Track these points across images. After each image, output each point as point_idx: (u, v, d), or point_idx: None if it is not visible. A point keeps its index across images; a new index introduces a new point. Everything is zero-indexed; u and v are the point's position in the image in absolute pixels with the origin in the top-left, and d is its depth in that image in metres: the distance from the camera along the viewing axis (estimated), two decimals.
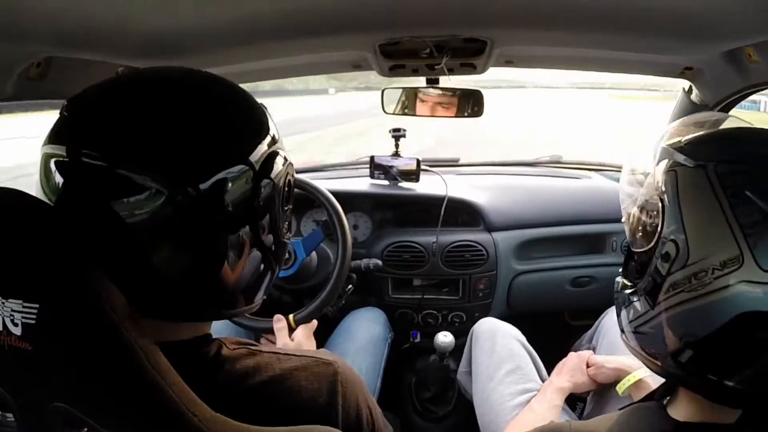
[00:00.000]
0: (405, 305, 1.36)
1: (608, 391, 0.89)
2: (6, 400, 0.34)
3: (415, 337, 1.41)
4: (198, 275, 0.41)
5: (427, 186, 1.39)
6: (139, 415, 0.33)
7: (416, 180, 1.39)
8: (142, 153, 0.37)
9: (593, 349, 1.03)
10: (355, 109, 13.58)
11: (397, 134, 1.43)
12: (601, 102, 21.11)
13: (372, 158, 1.44)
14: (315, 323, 0.96)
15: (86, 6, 0.59)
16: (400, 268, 1.33)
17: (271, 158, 0.44)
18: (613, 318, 0.69)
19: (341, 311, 1.21)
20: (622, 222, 0.53)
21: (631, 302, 0.48)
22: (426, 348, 1.32)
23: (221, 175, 0.39)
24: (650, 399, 0.55)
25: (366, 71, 1.12)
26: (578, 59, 1.14)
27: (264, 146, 0.43)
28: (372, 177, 1.43)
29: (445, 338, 1.22)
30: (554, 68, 1.25)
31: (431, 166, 1.47)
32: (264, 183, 0.42)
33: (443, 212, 1.31)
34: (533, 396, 0.91)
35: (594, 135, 10.21)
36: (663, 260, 0.42)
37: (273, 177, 0.43)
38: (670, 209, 0.43)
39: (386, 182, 1.42)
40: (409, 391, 1.33)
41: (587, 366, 0.91)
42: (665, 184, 0.44)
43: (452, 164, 1.71)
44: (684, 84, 1.14)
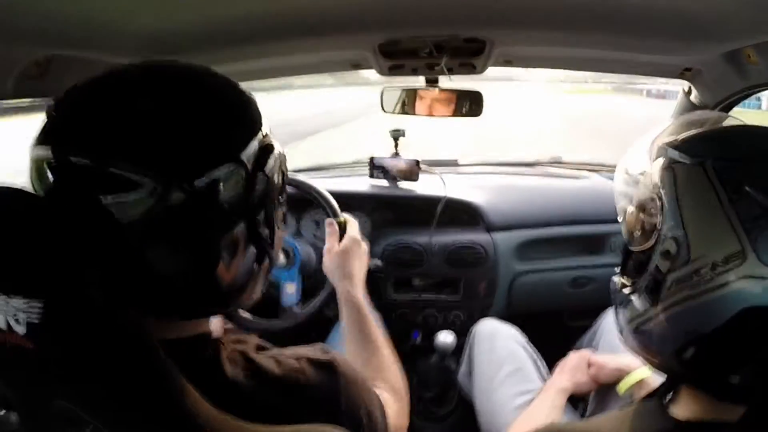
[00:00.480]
0: (405, 305, 1.36)
1: (609, 391, 0.88)
2: (9, 399, 0.34)
3: (416, 338, 1.40)
4: (194, 272, 0.40)
5: (427, 186, 1.39)
6: (143, 414, 0.33)
7: (416, 180, 1.39)
8: (133, 150, 0.36)
9: (594, 350, 1.03)
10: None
11: (397, 134, 1.42)
12: (558, 96, 23.89)
13: (371, 158, 1.44)
14: (356, 224, 0.92)
15: (86, 5, 0.59)
16: (400, 268, 1.33)
17: (264, 151, 0.43)
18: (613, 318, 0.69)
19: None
20: (619, 221, 0.53)
21: (630, 301, 0.47)
22: (427, 348, 1.31)
23: (215, 171, 0.38)
24: (651, 398, 0.55)
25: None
26: (578, 59, 1.14)
27: (256, 139, 0.43)
28: (371, 177, 1.43)
29: (446, 338, 1.21)
30: (554, 68, 1.25)
31: (431, 166, 1.47)
32: (258, 177, 0.42)
33: (438, 212, 1.31)
34: (534, 397, 0.91)
35: (543, 123, 12.31)
36: (663, 258, 0.42)
37: (266, 170, 0.43)
38: (669, 207, 0.42)
39: (386, 182, 1.42)
40: (410, 392, 1.32)
41: (588, 366, 0.91)
42: (663, 182, 0.44)
43: (452, 164, 1.71)
44: (684, 85, 1.14)
